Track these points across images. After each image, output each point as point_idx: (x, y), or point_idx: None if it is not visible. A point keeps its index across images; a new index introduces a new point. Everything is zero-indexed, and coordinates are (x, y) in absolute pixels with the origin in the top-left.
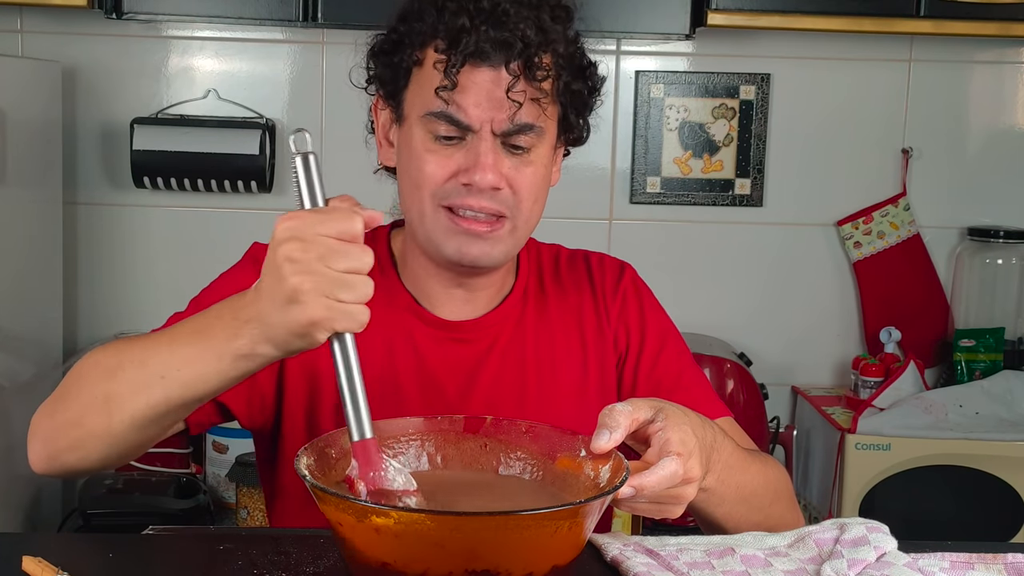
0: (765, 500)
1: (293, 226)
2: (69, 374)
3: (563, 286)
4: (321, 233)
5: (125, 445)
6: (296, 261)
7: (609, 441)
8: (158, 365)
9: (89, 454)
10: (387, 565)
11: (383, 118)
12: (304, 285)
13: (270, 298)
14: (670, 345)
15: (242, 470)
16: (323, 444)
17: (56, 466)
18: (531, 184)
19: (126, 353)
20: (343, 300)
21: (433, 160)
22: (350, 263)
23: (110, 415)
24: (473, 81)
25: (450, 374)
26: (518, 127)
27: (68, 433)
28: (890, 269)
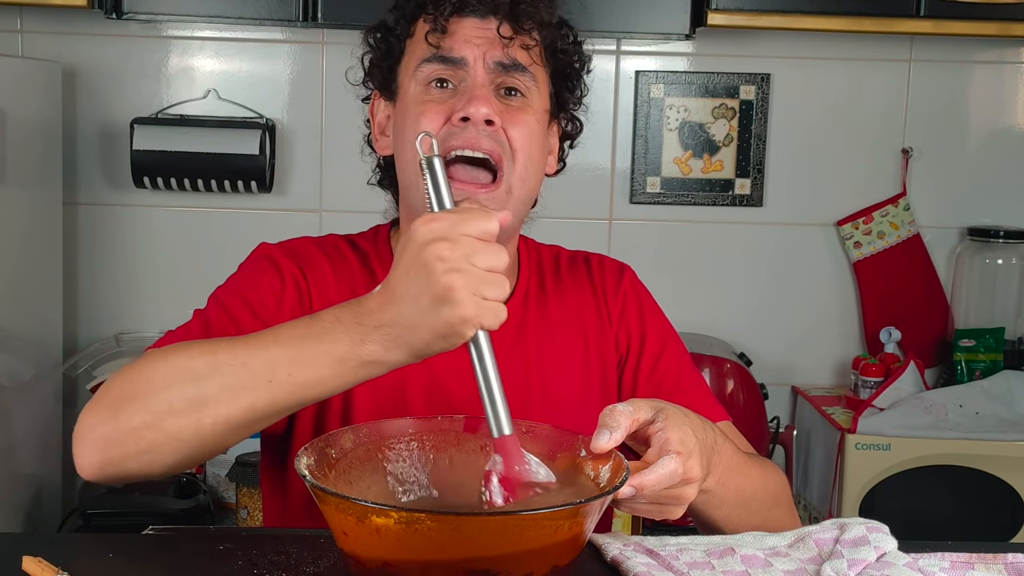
0: (764, 504)
1: (437, 228)
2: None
3: (564, 287)
4: (465, 233)
5: (205, 450)
6: (446, 260)
7: (609, 441)
8: (263, 368)
9: (162, 459)
10: (387, 565)
11: (380, 115)
12: (457, 283)
13: (412, 300)
14: (670, 348)
15: (242, 470)
16: (323, 444)
17: (113, 472)
18: (525, 133)
19: (220, 355)
20: (488, 297)
21: (428, 107)
22: (493, 261)
23: (201, 418)
24: (461, 26)
25: (454, 376)
26: (512, 63)
27: (142, 436)
28: (890, 269)
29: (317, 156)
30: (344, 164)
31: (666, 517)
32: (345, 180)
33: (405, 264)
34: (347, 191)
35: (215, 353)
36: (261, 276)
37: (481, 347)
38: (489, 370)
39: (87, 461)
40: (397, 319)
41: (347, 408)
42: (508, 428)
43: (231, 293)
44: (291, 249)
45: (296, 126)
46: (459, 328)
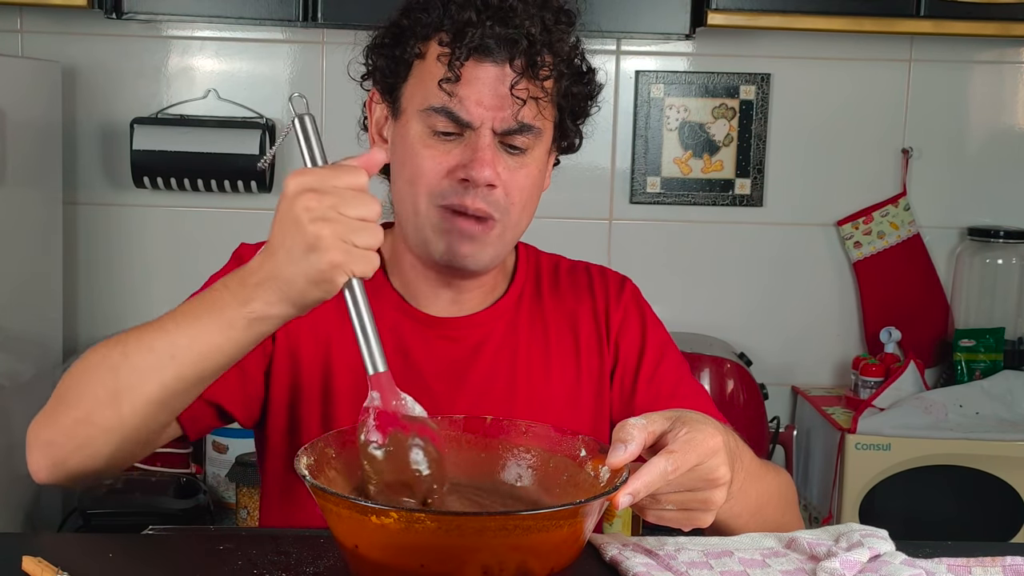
0: (778, 509)
1: (305, 180)
2: (65, 378)
3: (561, 294)
4: (334, 184)
5: (135, 439)
6: (313, 209)
7: (625, 455)
8: (166, 346)
9: (98, 452)
10: (387, 565)
11: (378, 113)
12: (323, 231)
13: (286, 251)
14: (669, 357)
15: (242, 470)
16: (323, 444)
17: (61, 472)
18: (524, 187)
19: (129, 343)
20: (358, 245)
21: (430, 156)
22: (362, 210)
23: (120, 405)
24: (476, 76)
25: (437, 371)
26: (519, 127)
27: (75, 433)
28: (890, 269)
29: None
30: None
31: (696, 525)
32: None
33: (279, 219)
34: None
35: (126, 342)
36: None
37: (355, 292)
38: (363, 312)
39: (36, 465)
40: (274, 272)
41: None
42: (383, 365)
43: None
44: None
45: None
46: (330, 274)
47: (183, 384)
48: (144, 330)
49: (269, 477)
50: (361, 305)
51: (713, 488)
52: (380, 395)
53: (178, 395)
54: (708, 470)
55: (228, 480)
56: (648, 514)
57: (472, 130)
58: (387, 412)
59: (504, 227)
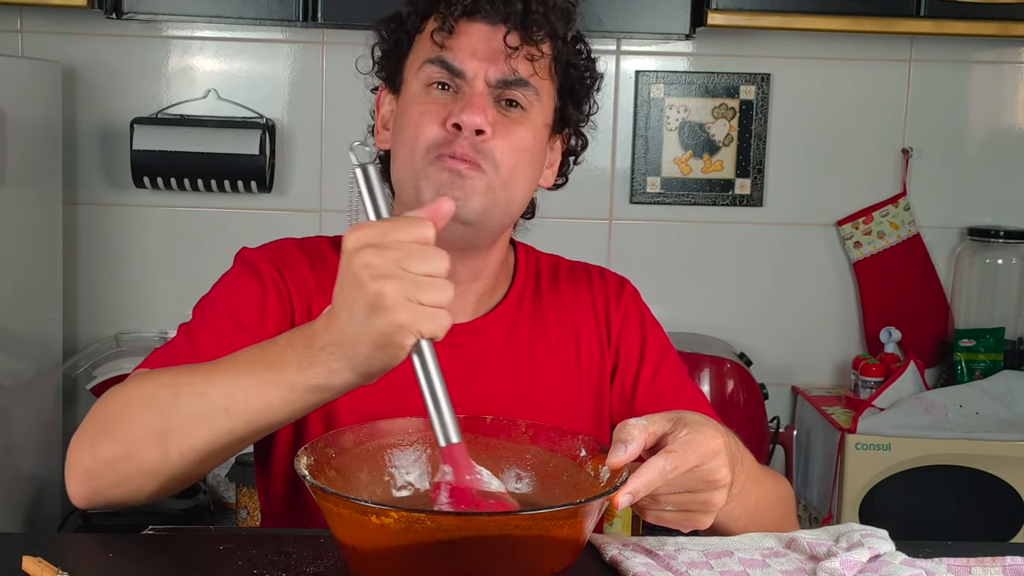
0: (777, 515)
1: (364, 235)
2: (109, 404)
3: (561, 295)
4: (396, 239)
5: (179, 480)
6: (374, 266)
7: (625, 455)
8: (220, 397)
9: (139, 488)
10: (387, 565)
11: (385, 107)
12: (386, 289)
13: (347, 313)
14: (668, 361)
15: (242, 470)
16: (323, 444)
17: (99, 501)
18: (516, 144)
19: (181, 384)
20: (425, 303)
21: (425, 110)
22: (429, 266)
23: (166, 450)
24: (469, 31)
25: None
26: (514, 79)
27: (115, 468)
28: (890, 269)
29: (317, 156)
30: (344, 164)
31: (696, 526)
32: (345, 180)
33: (340, 278)
34: (345, 190)
35: (177, 383)
36: (241, 284)
37: (424, 355)
38: (434, 378)
39: (75, 492)
40: (338, 336)
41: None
42: (456, 436)
43: (213, 305)
44: (271, 252)
45: (296, 126)
46: (395, 337)
47: (235, 438)
48: (197, 373)
49: (275, 479)
50: (432, 370)
51: (713, 490)
52: (453, 469)
53: (229, 447)
54: (708, 471)
55: (228, 480)
56: (648, 514)
57: (465, 80)
58: (461, 488)
59: (491, 180)
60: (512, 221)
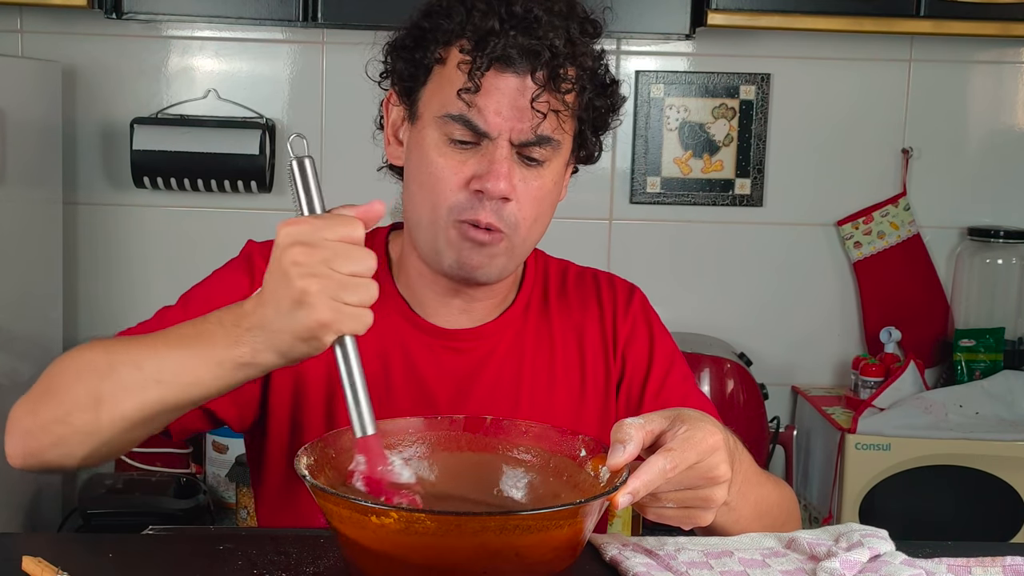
0: (779, 519)
1: (296, 231)
2: (51, 369)
3: (568, 302)
4: (325, 237)
5: (111, 445)
6: (302, 264)
7: (624, 455)
8: (154, 368)
9: (72, 451)
10: (387, 565)
11: (394, 115)
12: (311, 287)
13: (274, 303)
14: (676, 371)
15: (242, 470)
16: (323, 444)
17: (34, 462)
18: (537, 199)
19: (119, 354)
20: (349, 303)
21: (445, 165)
22: (355, 266)
23: (99, 414)
24: (496, 87)
25: (442, 383)
26: (537, 139)
27: (52, 430)
28: (890, 269)
29: (317, 156)
30: (344, 164)
31: (696, 523)
32: (345, 180)
33: (270, 269)
34: (347, 191)
35: (116, 352)
36: (231, 277)
37: (347, 349)
38: (354, 371)
39: (13, 451)
40: (264, 322)
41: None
42: (371, 428)
43: (199, 293)
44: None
45: (296, 126)
46: (317, 332)
47: (164, 408)
48: (135, 344)
49: (270, 478)
50: (353, 364)
51: (713, 485)
52: (367, 459)
53: (157, 416)
54: (708, 468)
55: (228, 480)
56: (648, 512)
57: (489, 140)
58: (373, 478)
59: (512, 242)
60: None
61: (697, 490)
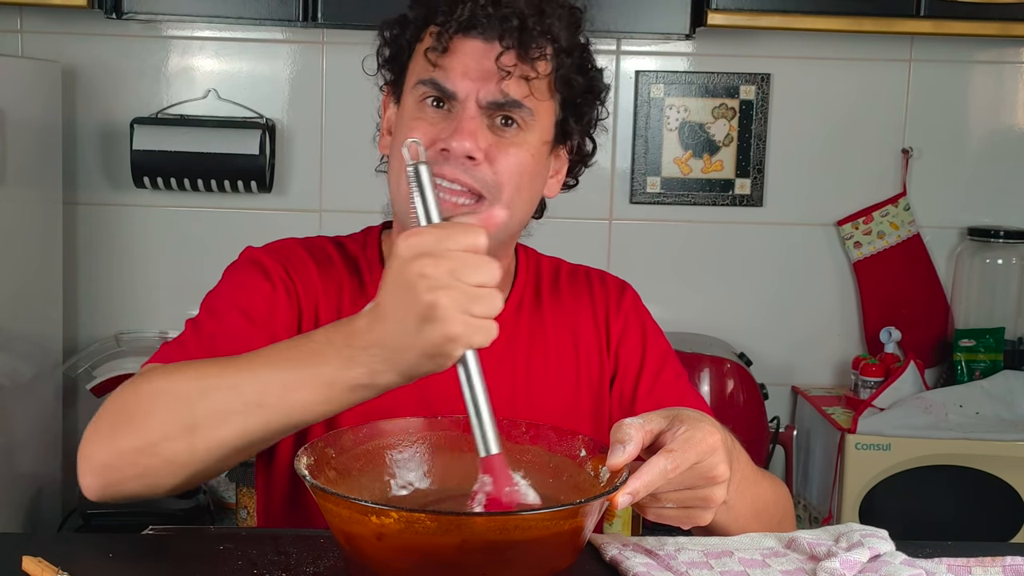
0: (775, 517)
1: (420, 242)
2: (127, 396)
3: (561, 299)
4: (450, 248)
5: (202, 474)
6: (429, 277)
7: (624, 455)
8: (255, 391)
9: (160, 482)
10: (387, 565)
11: (389, 111)
12: (441, 300)
13: (398, 320)
14: (668, 368)
15: (242, 470)
16: (323, 444)
17: (114, 494)
18: (513, 165)
19: (212, 377)
20: (477, 315)
21: (417, 127)
22: (482, 276)
23: (194, 443)
24: (463, 49)
25: (439, 380)
26: (505, 100)
27: (138, 461)
28: (890, 269)
29: (317, 156)
30: (344, 164)
31: (696, 523)
32: (345, 180)
33: (390, 282)
34: (347, 191)
35: (206, 376)
36: (251, 282)
37: (469, 366)
38: (477, 389)
39: (90, 483)
40: (384, 340)
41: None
42: (496, 447)
43: (223, 301)
44: (277, 251)
45: (296, 126)
46: (446, 348)
47: (267, 433)
48: (226, 366)
49: (275, 477)
50: (476, 380)
51: (712, 485)
52: (492, 479)
53: (259, 443)
54: (707, 468)
55: (228, 480)
56: (648, 512)
57: (456, 101)
58: (499, 499)
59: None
60: (513, 238)
61: (696, 490)
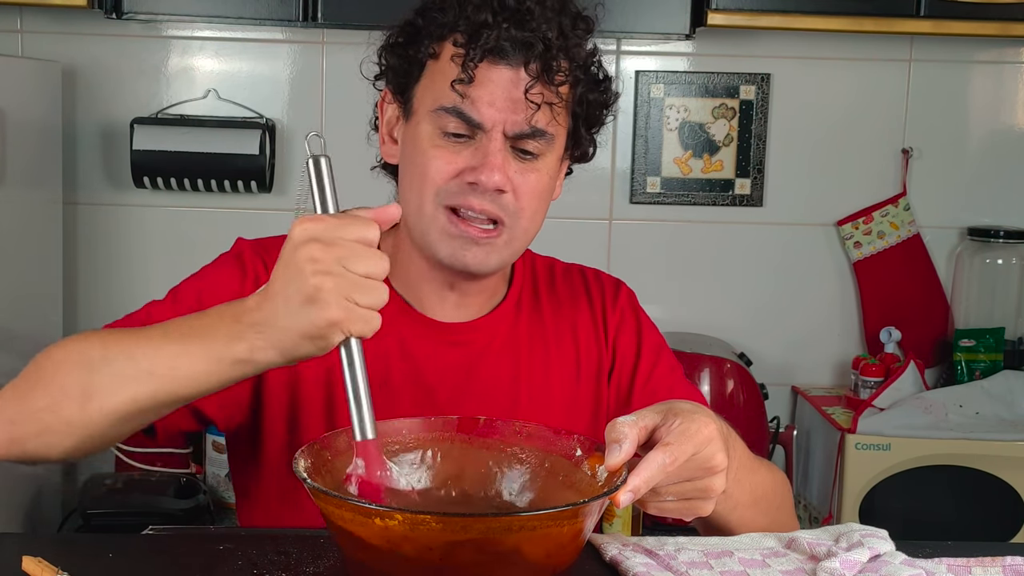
0: (773, 504)
1: (313, 228)
2: (41, 358)
3: (558, 297)
4: (342, 236)
5: (97, 438)
6: (317, 261)
7: (621, 455)
8: (147, 360)
9: (57, 441)
10: (390, 566)
11: (389, 113)
12: (325, 284)
13: (284, 299)
14: (663, 362)
15: None
16: (319, 446)
17: (16, 450)
18: (534, 192)
19: (112, 345)
20: (360, 304)
21: (440, 156)
22: (369, 267)
23: (87, 405)
24: (490, 78)
25: (442, 377)
26: (531, 131)
27: (39, 419)
28: (890, 269)
29: None
30: (344, 164)
31: (697, 514)
32: (345, 180)
33: (281, 264)
34: (347, 191)
35: (109, 344)
36: (223, 272)
37: (352, 351)
38: (358, 375)
39: None
40: (269, 318)
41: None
42: (371, 432)
43: (188, 288)
44: (263, 247)
45: (296, 126)
46: (326, 331)
47: (156, 402)
48: (129, 335)
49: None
50: (357, 367)
51: (711, 475)
52: (365, 464)
53: (149, 411)
54: (705, 458)
55: (228, 480)
56: (649, 507)
57: (483, 132)
58: (370, 482)
59: (513, 233)
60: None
61: (696, 481)
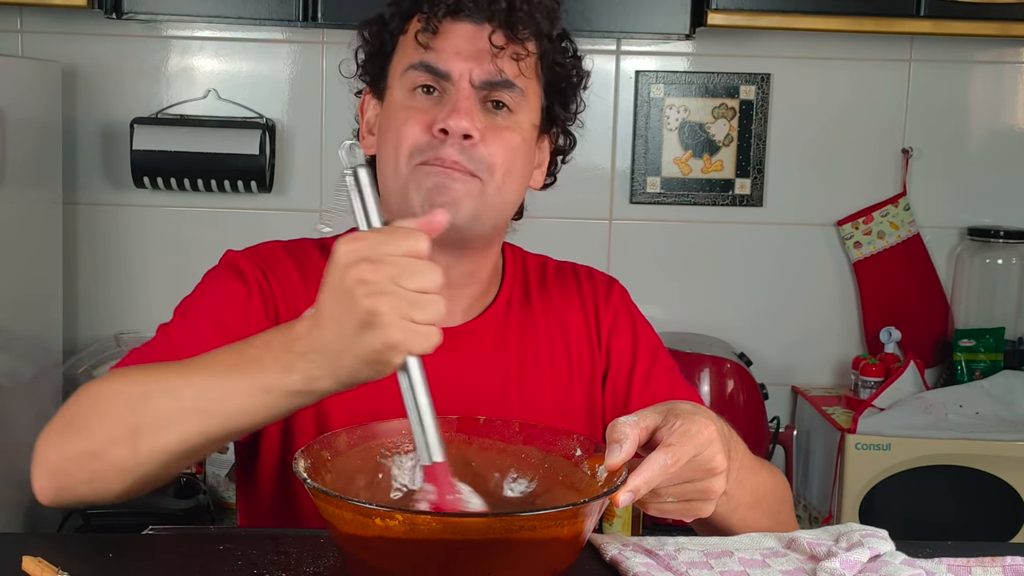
0: (775, 505)
1: (359, 247)
2: (80, 400)
3: (550, 296)
4: (390, 252)
5: (149, 479)
6: (369, 283)
7: (622, 455)
8: (193, 397)
9: (108, 487)
10: (390, 566)
11: (369, 112)
12: (381, 307)
13: (336, 325)
14: (660, 362)
15: None
16: (319, 446)
17: (66, 497)
18: (507, 147)
19: (153, 382)
20: (418, 321)
21: (411, 116)
22: (423, 282)
23: (137, 448)
24: (454, 31)
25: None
26: (498, 80)
27: (86, 465)
28: (890, 269)
29: (317, 156)
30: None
31: (697, 515)
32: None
33: (329, 288)
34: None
35: (147, 381)
36: (225, 286)
37: (412, 374)
38: (420, 396)
39: (41, 487)
40: (322, 345)
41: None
42: (439, 455)
43: (196, 306)
44: (257, 254)
45: (296, 126)
46: (385, 355)
47: (207, 439)
48: (170, 372)
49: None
50: (419, 387)
51: (712, 476)
52: (436, 488)
53: (201, 448)
54: (705, 460)
55: (228, 480)
56: (649, 508)
57: (450, 82)
58: (442, 508)
59: (485, 186)
60: (504, 223)
61: (696, 482)
